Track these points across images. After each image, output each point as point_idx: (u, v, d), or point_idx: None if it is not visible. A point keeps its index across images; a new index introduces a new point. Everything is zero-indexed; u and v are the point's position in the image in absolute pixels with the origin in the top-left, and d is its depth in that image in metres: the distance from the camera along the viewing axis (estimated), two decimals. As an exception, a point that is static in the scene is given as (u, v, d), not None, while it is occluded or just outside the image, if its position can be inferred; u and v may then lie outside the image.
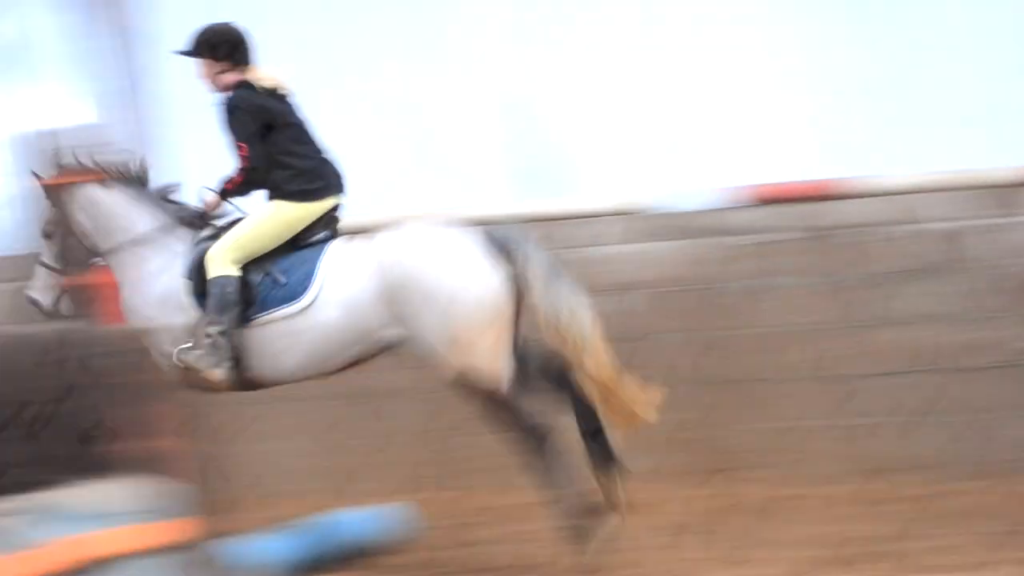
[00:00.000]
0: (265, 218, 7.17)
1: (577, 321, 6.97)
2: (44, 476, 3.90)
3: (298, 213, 7.17)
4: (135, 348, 4.07)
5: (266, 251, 6.99)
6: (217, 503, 3.31)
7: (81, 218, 7.03)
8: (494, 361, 6.75)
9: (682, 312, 8.91)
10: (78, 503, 3.83)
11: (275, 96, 7.46)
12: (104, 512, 3.80)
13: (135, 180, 7.12)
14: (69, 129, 4.02)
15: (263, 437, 7.91)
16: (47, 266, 7.19)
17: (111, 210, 7.09)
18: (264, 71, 7.42)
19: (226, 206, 7.20)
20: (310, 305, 6.82)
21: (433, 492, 8.61)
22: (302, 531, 7.49)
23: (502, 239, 7.03)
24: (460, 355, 6.68)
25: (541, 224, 8.80)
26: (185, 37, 8.23)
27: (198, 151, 9.02)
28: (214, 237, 7.19)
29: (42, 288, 7.23)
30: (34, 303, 7.28)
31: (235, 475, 3.29)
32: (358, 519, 7.78)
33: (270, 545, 6.48)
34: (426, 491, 8.60)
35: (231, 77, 7.43)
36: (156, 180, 7.27)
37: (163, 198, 7.18)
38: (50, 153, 4.03)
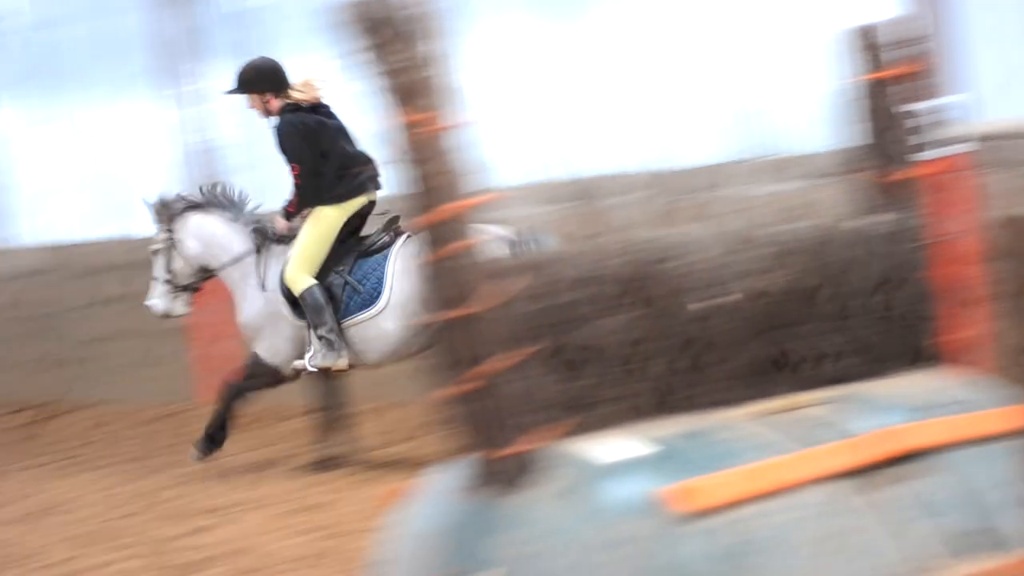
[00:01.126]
0: (312, 227, 8.25)
1: None
2: (863, 367, 3.96)
3: (337, 213, 8.23)
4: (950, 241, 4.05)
5: (326, 253, 8.19)
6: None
7: (190, 242, 8.67)
8: None
9: None
10: (898, 394, 3.87)
11: (316, 109, 8.45)
12: (924, 403, 3.82)
13: (231, 205, 8.71)
14: (882, 23, 4.04)
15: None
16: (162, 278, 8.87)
17: (214, 233, 8.72)
18: (302, 89, 8.49)
19: (295, 224, 8.42)
20: (382, 311, 8.08)
21: None
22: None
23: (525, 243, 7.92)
24: None
25: None
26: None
27: (994, 47, 8.87)
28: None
29: (159, 296, 8.91)
30: (154, 309, 8.90)
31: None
32: None
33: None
34: None
35: (275, 103, 8.48)
36: (249, 203, 8.83)
37: (253, 220, 8.63)
38: (867, 49, 4.06)
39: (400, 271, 8.11)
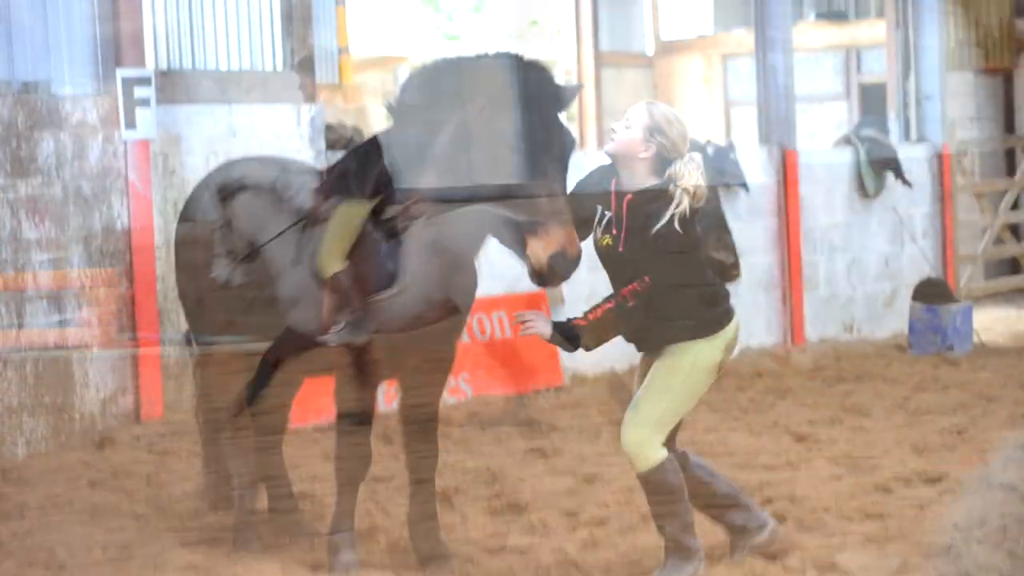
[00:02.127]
0: (341, 218, 8.80)
1: None
2: None
3: (359, 210, 8.78)
4: None
5: (352, 242, 8.69)
6: None
7: (242, 220, 9.24)
8: None
9: None
10: None
11: None
12: None
13: (276, 188, 9.24)
14: None
15: None
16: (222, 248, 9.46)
17: (258, 213, 9.33)
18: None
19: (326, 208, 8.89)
20: (403, 288, 8.52)
21: None
22: None
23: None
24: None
25: None
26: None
27: None
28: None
29: (219, 267, 9.31)
30: (217, 279, 9.33)
31: None
32: None
33: None
34: None
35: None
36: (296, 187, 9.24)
37: (295, 203, 9.11)
38: None
39: (416, 252, 8.73)
